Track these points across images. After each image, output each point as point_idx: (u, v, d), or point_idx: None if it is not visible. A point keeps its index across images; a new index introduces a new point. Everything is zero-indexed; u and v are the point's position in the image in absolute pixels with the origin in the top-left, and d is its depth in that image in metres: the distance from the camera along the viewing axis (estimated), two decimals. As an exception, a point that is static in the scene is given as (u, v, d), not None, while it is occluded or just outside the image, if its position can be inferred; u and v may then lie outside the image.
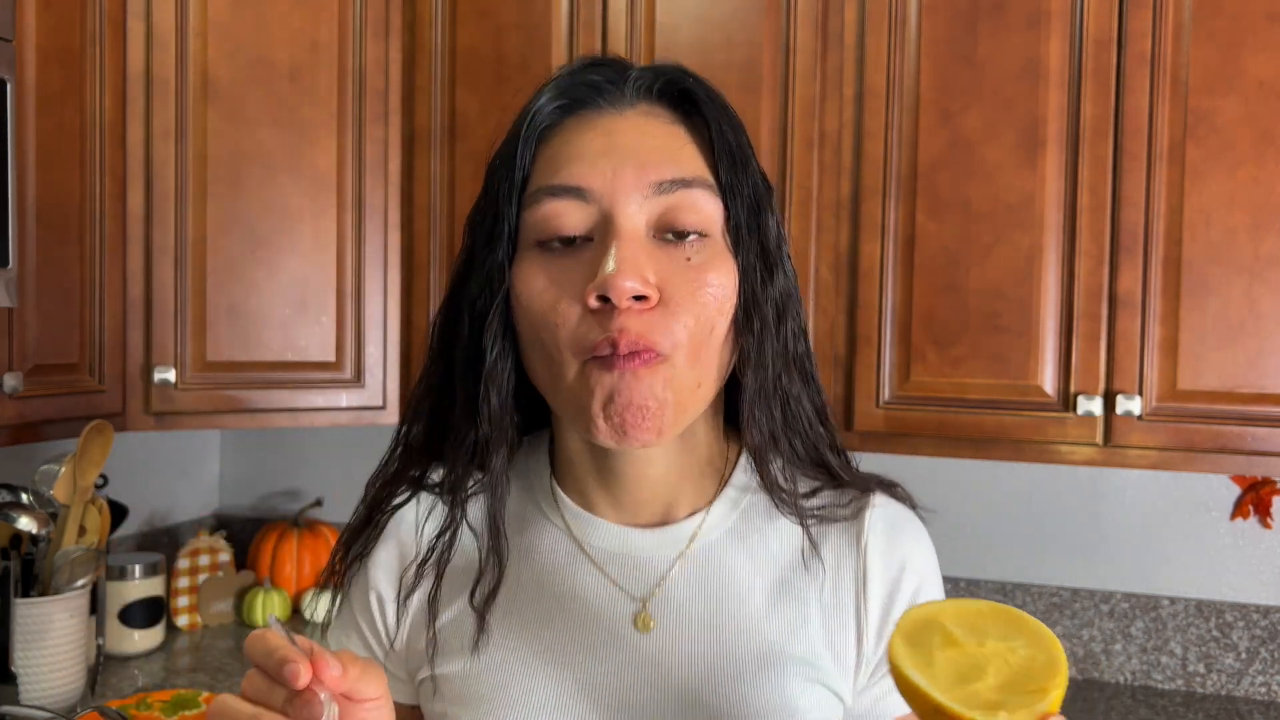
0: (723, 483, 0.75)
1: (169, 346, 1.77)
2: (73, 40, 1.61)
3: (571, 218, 0.66)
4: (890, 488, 0.78)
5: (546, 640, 0.72)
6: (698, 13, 1.73)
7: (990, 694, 0.54)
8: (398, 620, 0.76)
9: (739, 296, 0.68)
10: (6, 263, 1.44)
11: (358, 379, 1.90)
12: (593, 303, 0.64)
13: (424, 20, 1.90)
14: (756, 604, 0.72)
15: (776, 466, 0.73)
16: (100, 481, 1.76)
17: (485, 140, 1.86)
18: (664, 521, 0.74)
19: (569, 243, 0.67)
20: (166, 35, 1.75)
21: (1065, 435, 1.57)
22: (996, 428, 1.61)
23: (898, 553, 0.74)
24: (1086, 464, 1.58)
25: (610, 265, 0.63)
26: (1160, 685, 1.89)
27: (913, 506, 0.79)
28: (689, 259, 0.66)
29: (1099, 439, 1.57)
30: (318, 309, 1.87)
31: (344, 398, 1.89)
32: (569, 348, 0.66)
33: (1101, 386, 1.56)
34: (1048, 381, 1.59)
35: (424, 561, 0.75)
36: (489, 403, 0.71)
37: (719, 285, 0.67)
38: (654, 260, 0.65)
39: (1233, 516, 1.86)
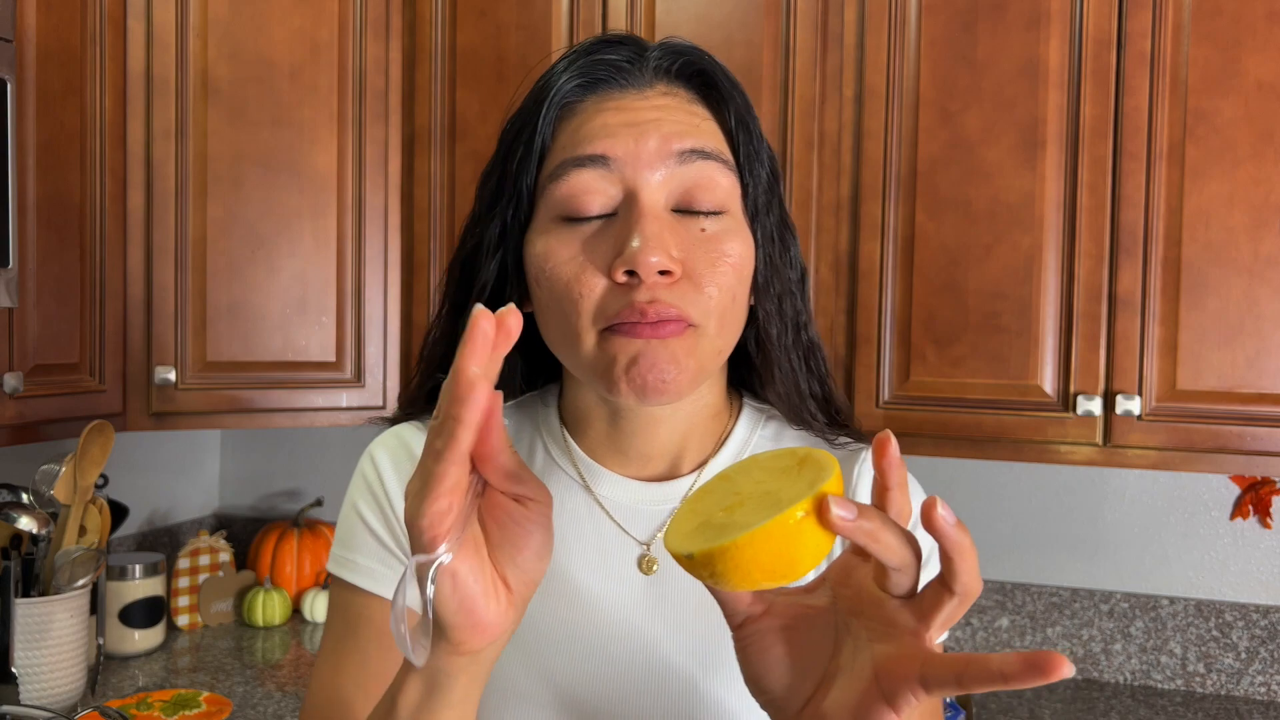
0: (724, 437, 0.79)
1: (169, 346, 1.77)
2: (73, 40, 1.61)
3: (597, 192, 0.68)
4: None
5: (558, 577, 0.75)
6: (698, 13, 1.73)
7: (723, 514, 0.50)
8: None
9: (757, 264, 0.72)
10: (7, 263, 1.44)
11: (358, 379, 1.90)
12: (620, 277, 0.66)
13: (424, 20, 1.90)
14: None
15: (804, 409, 0.78)
16: (100, 481, 1.76)
17: (485, 140, 1.86)
18: (668, 475, 0.77)
19: (592, 218, 0.69)
20: (166, 35, 1.75)
21: (1065, 435, 1.57)
22: (996, 428, 1.61)
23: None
24: (1086, 464, 1.58)
25: (636, 241, 0.65)
26: (1160, 685, 1.89)
27: None
28: (704, 229, 0.69)
29: (1099, 439, 1.57)
30: (318, 309, 1.87)
31: (344, 398, 1.89)
32: (591, 318, 0.67)
33: (1101, 386, 1.56)
34: (1047, 381, 1.59)
35: None
36: None
37: (736, 255, 0.69)
38: (675, 234, 0.67)
39: (1232, 516, 1.86)
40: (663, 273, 0.65)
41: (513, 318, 0.48)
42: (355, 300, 1.89)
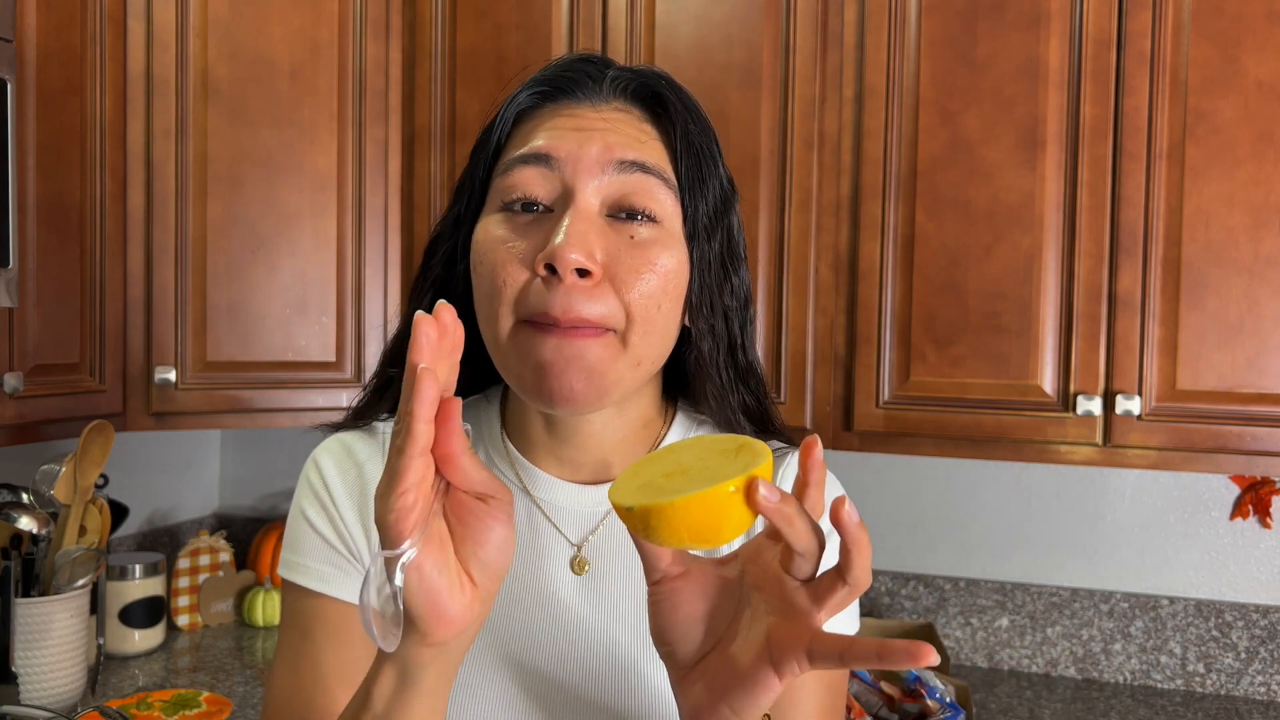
0: (655, 444, 0.82)
1: (169, 346, 1.77)
2: (73, 40, 1.61)
3: (536, 188, 0.71)
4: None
5: None
6: (698, 13, 1.73)
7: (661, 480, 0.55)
8: (365, 536, 0.79)
9: (692, 283, 0.74)
10: (7, 263, 1.44)
11: (358, 379, 1.90)
12: (540, 271, 0.68)
13: (424, 20, 1.90)
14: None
15: (735, 421, 0.80)
16: (100, 481, 1.76)
17: (485, 140, 1.86)
18: (601, 479, 0.80)
19: (530, 209, 0.71)
20: (166, 35, 1.75)
21: (1065, 435, 1.57)
22: (996, 428, 1.61)
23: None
24: (1086, 464, 1.58)
25: (559, 237, 0.67)
26: (1160, 685, 1.89)
27: None
28: (632, 236, 0.71)
29: (1099, 439, 1.57)
30: (318, 309, 1.87)
31: (344, 398, 1.89)
32: (510, 306, 0.70)
33: (1101, 386, 1.56)
34: (1047, 381, 1.59)
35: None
36: None
37: (663, 265, 0.71)
38: (603, 238, 0.70)
39: (1232, 516, 1.86)
40: (582, 273, 0.68)
41: (446, 312, 0.53)
42: (355, 300, 1.89)
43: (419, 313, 0.52)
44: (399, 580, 0.53)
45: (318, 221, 1.86)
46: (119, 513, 1.86)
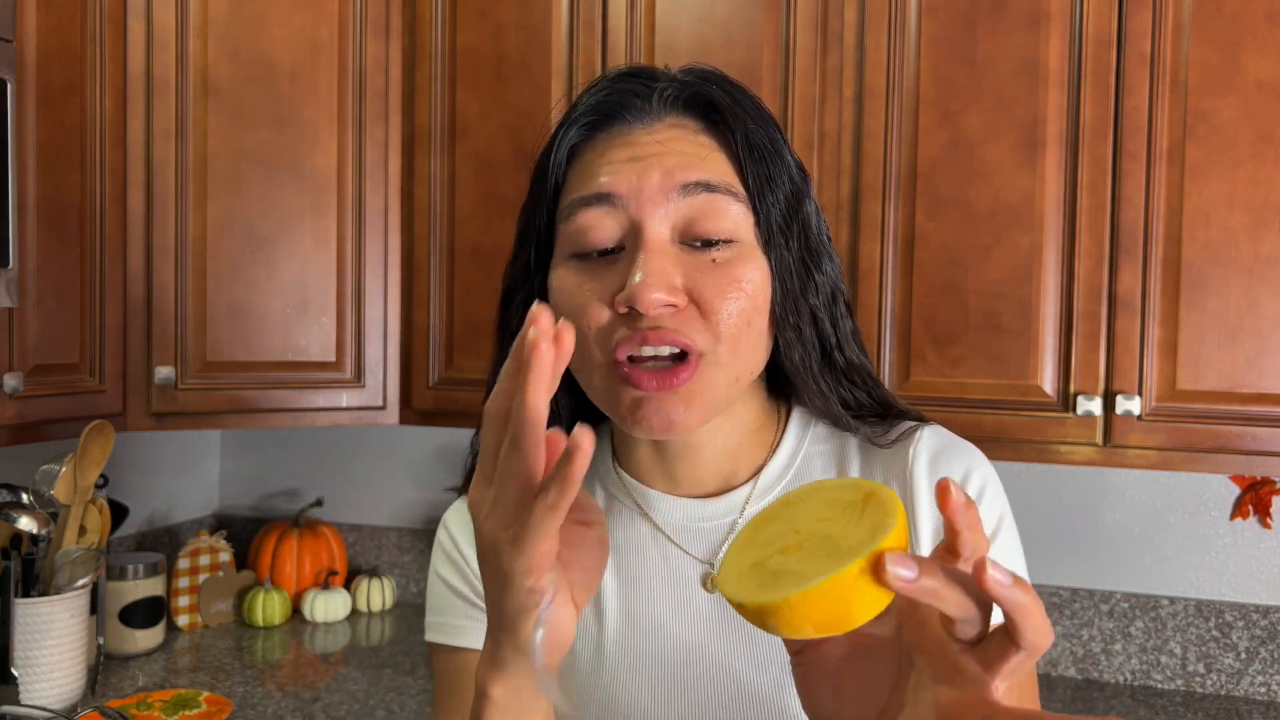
0: (775, 446, 0.79)
1: (169, 346, 1.77)
2: (73, 40, 1.61)
3: (603, 229, 0.69)
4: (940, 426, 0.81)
5: (632, 610, 0.78)
6: (698, 13, 1.73)
7: (777, 561, 0.48)
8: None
9: (774, 293, 0.71)
10: (7, 263, 1.44)
11: (358, 379, 1.90)
12: (622, 310, 0.67)
13: (424, 20, 1.90)
14: None
15: (844, 421, 0.77)
16: (100, 481, 1.76)
17: (485, 140, 1.86)
18: (722, 490, 0.78)
19: (604, 252, 0.70)
20: (166, 35, 1.75)
21: (1065, 435, 1.57)
22: (996, 428, 1.61)
23: (945, 469, 0.77)
24: (1086, 464, 1.58)
25: (637, 276, 0.66)
26: (1160, 685, 1.89)
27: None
28: (714, 260, 0.69)
29: (1099, 439, 1.57)
30: (318, 309, 1.87)
31: (344, 398, 1.89)
32: (598, 347, 0.69)
33: (1101, 386, 1.56)
34: (1047, 381, 1.59)
35: None
36: None
37: (749, 281, 0.69)
38: (681, 265, 0.68)
39: (1232, 516, 1.86)
40: (667, 306, 0.66)
41: (567, 332, 0.50)
42: (355, 300, 1.89)
43: (538, 311, 0.50)
44: (539, 637, 0.53)
45: (318, 221, 1.86)
46: (119, 513, 1.86)
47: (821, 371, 0.74)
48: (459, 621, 0.81)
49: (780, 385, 0.80)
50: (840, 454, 0.79)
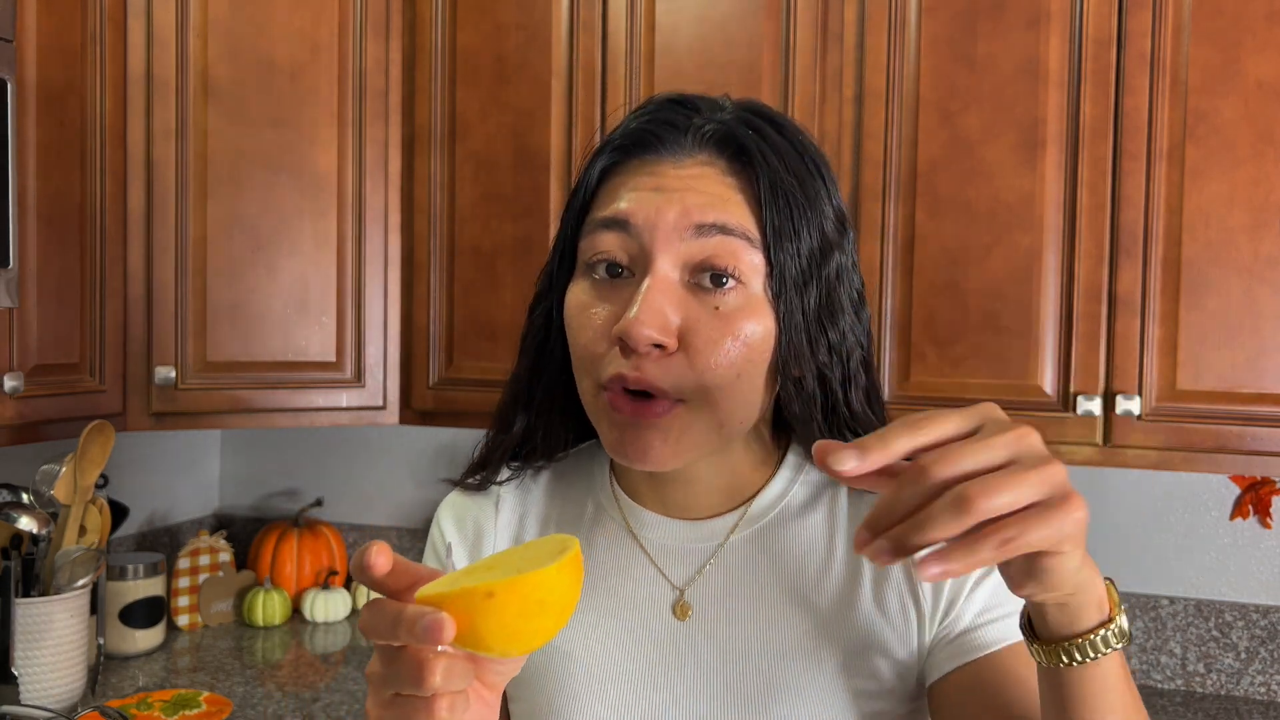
0: (767, 482, 0.80)
1: (169, 346, 1.77)
2: (73, 40, 1.61)
3: (616, 254, 0.71)
4: None
5: (597, 624, 0.78)
6: (698, 13, 1.73)
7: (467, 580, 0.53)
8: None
9: (778, 345, 0.70)
10: (7, 263, 1.44)
11: (358, 379, 1.90)
12: (615, 342, 0.69)
13: (424, 20, 1.90)
14: (799, 587, 0.77)
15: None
16: (100, 481, 1.76)
17: (485, 140, 1.86)
18: (713, 516, 0.79)
19: (616, 274, 0.71)
20: (166, 35, 1.75)
21: (1065, 435, 1.57)
22: (996, 428, 1.60)
23: None
24: (1086, 464, 1.58)
25: (634, 310, 0.67)
26: (1160, 685, 1.89)
27: None
28: (717, 308, 0.69)
29: (1099, 439, 1.57)
30: (318, 309, 1.87)
31: (344, 398, 1.89)
32: (590, 371, 0.71)
33: (1101, 387, 1.56)
34: (1047, 381, 1.59)
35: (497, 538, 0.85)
36: (533, 400, 0.80)
37: (747, 333, 0.69)
38: (682, 307, 0.69)
39: (1232, 516, 1.86)
40: (656, 345, 0.67)
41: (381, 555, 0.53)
42: (355, 300, 1.89)
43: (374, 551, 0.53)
44: None
45: (318, 221, 1.86)
46: (119, 513, 1.86)
47: (822, 424, 0.74)
48: None
49: (783, 425, 0.81)
50: (830, 494, 0.80)
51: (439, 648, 0.52)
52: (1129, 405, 1.53)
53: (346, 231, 1.88)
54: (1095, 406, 1.55)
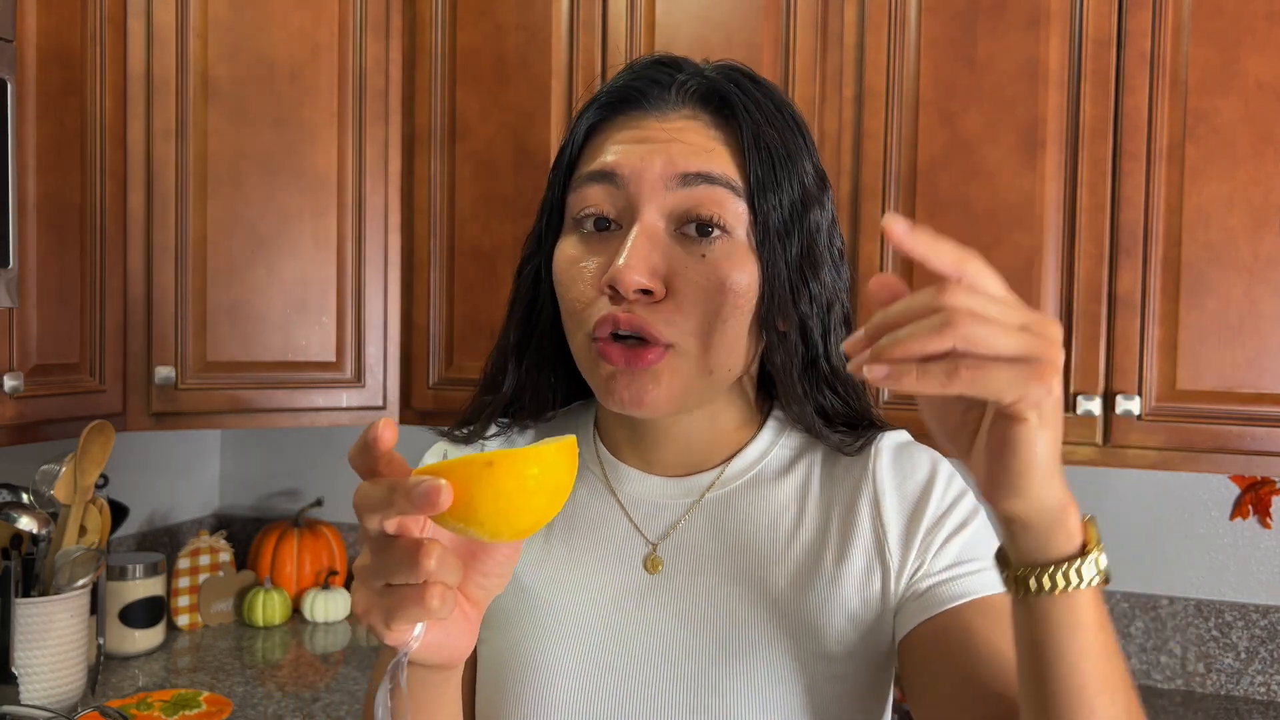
0: (745, 446, 0.81)
1: (169, 346, 1.77)
2: (73, 40, 1.61)
3: (603, 206, 0.72)
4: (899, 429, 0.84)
5: (570, 571, 0.80)
6: (698, 13, 1.73)
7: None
8: None
9: (762, 295, 0.72)
10: (7, 263, 1.44)
11: (358, 379, 1.90)
12: (605, 290, 0.70)
13: (424, 20, 1.90)
14: (769, 548, 0.78)
15: (815, 427, 0.79)
16: (100, 481, 1.76)
17: (485, 140, 1.86)
18: (692, 473, 0.80)
19: (603, 227, 0.73)
20: (167, 35, 1.75)
21: (1065, 435, 1.57)
22: (996, 428, 1.60)
23: (906, 465, 0.79)
24: (1086, 464, 1.58)
25: (621, 258, 0.69)
26: (1160, 685, 1.89)
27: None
28: (704, 255, 0.71)
29: (1099, 439, 1.57)
30: (318, 309, 1.87)
31: (344, 398, 1.89)
32: (579, 323, 0.73)
33: (1101, 386, 1.56)
34: (1047, 381, 1.58)
35: None
36: (522, 360, 0.81)
37: (732, 280, 0.71)
38: (667, 255, 0.70)
39: (1232, 516, 1.86)
40: (644, 291, 0.69)
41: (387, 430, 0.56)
42: (355, 300, 1.89)
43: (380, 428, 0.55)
44: (404, 676, 0.55)
45: (318, 221, 1.86)
46: (119, 513, 1.86)
47: (802, 377, 0.76)
48: None
49: (768, 388, 0.83)
50: (809, 458, 0.81)
51: (430, 534, 0.53)
52: (1129, 405, 1.53)
53: (346, 231, 1.88)
54: (1095, 406, 1.55)
